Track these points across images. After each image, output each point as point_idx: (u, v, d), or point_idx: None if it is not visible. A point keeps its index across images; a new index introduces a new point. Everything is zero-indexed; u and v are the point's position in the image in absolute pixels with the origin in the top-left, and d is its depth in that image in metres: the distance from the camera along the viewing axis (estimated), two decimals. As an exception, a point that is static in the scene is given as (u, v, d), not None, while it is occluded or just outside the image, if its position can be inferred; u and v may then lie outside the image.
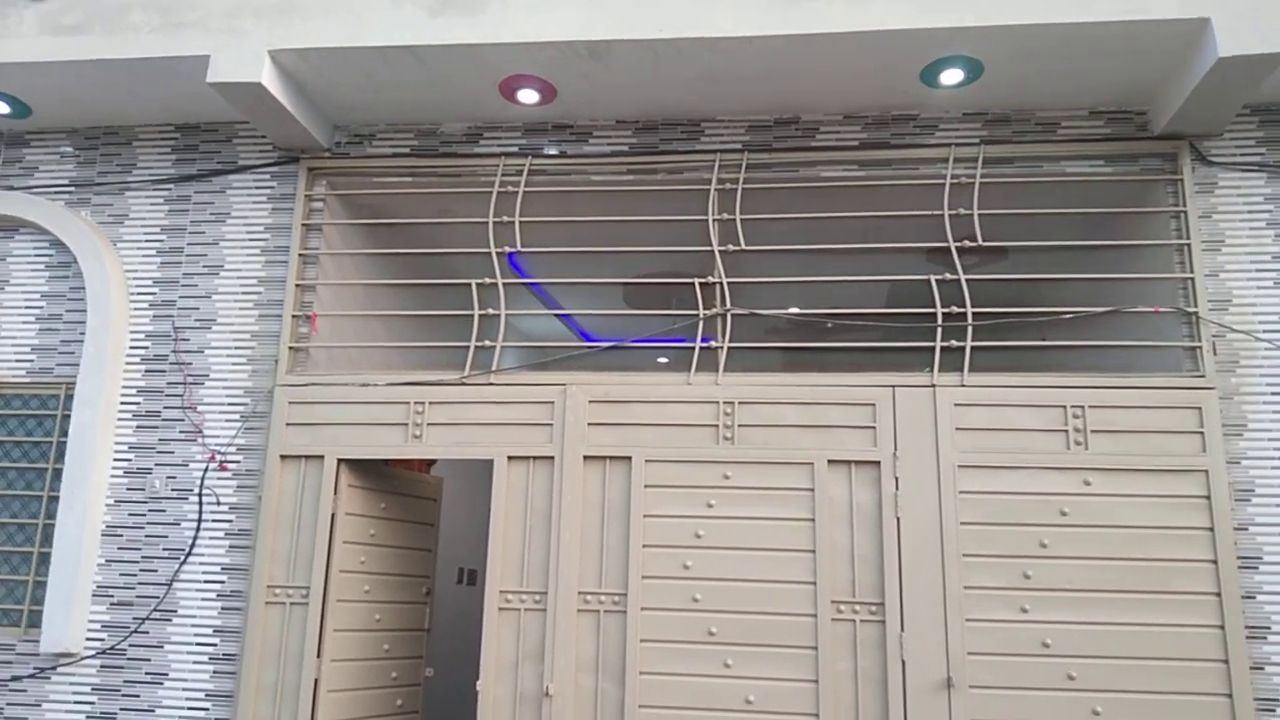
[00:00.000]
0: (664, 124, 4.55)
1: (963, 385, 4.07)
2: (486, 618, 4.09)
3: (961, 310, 4.18)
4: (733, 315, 4.33)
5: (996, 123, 4.36)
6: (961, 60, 3.96)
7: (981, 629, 3.85)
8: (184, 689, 4.24)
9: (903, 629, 3.86)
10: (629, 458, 4.18)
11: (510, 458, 4.26)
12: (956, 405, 4.04)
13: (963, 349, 4.13)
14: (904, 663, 3.84)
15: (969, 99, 4.27)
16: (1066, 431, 4.00)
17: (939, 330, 4.17)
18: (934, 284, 4.23)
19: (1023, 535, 3.93)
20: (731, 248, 4.39)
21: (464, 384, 4.38)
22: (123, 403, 4.56)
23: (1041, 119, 4.34)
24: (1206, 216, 4.17)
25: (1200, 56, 3.74)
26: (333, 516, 4.30)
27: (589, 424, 4.24)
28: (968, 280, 4.22)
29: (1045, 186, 4.35)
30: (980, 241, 4.25)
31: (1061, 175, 4.31)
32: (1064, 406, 4.02)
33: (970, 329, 4.15)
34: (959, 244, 4.26)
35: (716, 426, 4.18)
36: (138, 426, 4.53)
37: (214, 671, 4.23)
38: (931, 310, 4.20)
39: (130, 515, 4.44)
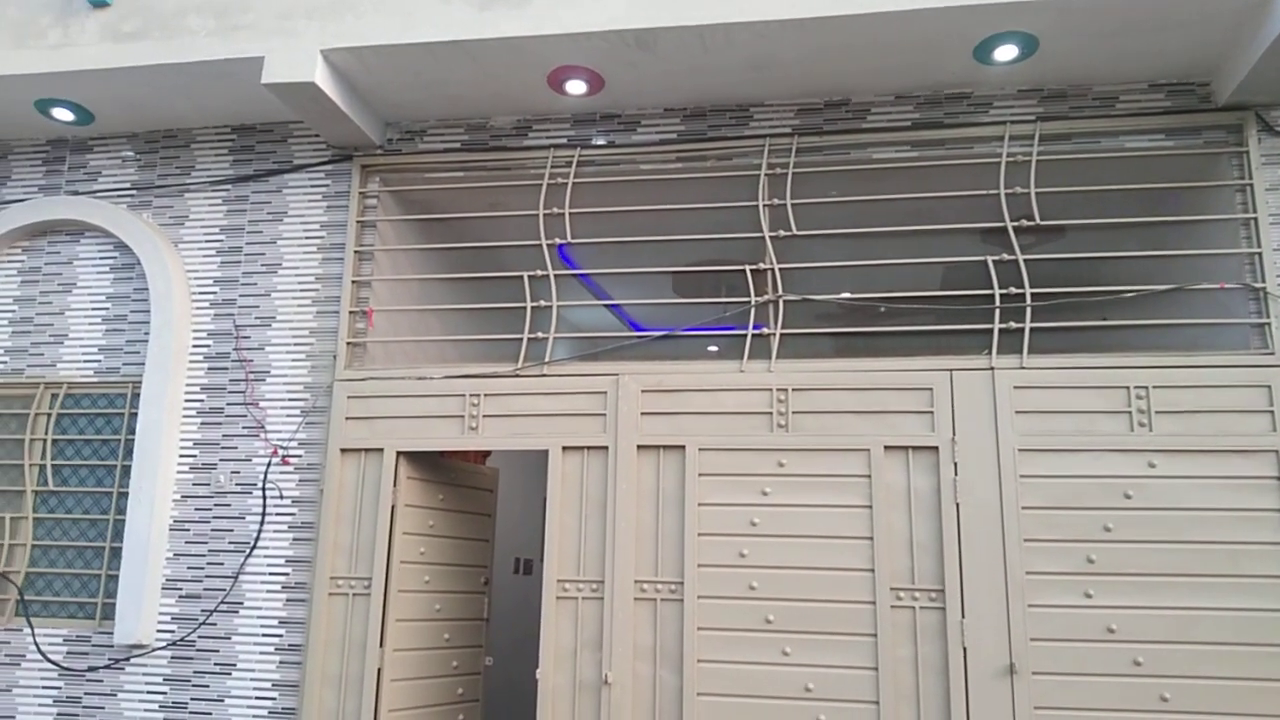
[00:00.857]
0: (712, 110, 4.53)
1: (1022, 367, 4.00)
2: (545, 606, 4.12)
3: (1020, 291, 4.11)
4: (785, 301, 4.31)
5: (1053, 99, 4.27)
6: (1015, 36, 3.88)
7: (1044, 615, 3.79)
8: (252, 679, 4.33)
9: (964, 615, 3.81)
10: (683, 446, 4.18)
11: (565, 448, 4.29)
12: (1016, 388, 3.98)
13: (1021, 330, 4.06)
14: (965, 649, 3.79)
15: (1024, 75, 4.18)
16: (1130, 413, 3.92)
17: (997, 312, 4.10)
18: (991, 265, 4.16)
19: (1086, 519, 3.86)
20: (783, 233, 4.36)
21: (518, 376, 4.42)
22: (187, 400, 4.67)
23: (1099, 94, 4.24)
24: (1275, 189, 4.04)
25: (1267, 22, 3.62)
26: (393, 508, 4.37)
27: (642, 413, 4.25)
28: (1025, 260, 4.14)
29: (1104, 163, 4.25)
30: (1038, 221, 4.17)
31: (1121, 151, 4.21)
32: (1127, 387, 3.93)
33: (1029, 310, 4.08)
34: (1016, 224, 4.19)
35: (770, 414, 4.16)
36: (202, 423, 4.63)
37: (280, 661, 4.32)
38: (989, 292, 4.13)
39: (196, 510, 4.55)
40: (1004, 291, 4.12)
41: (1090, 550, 3.83)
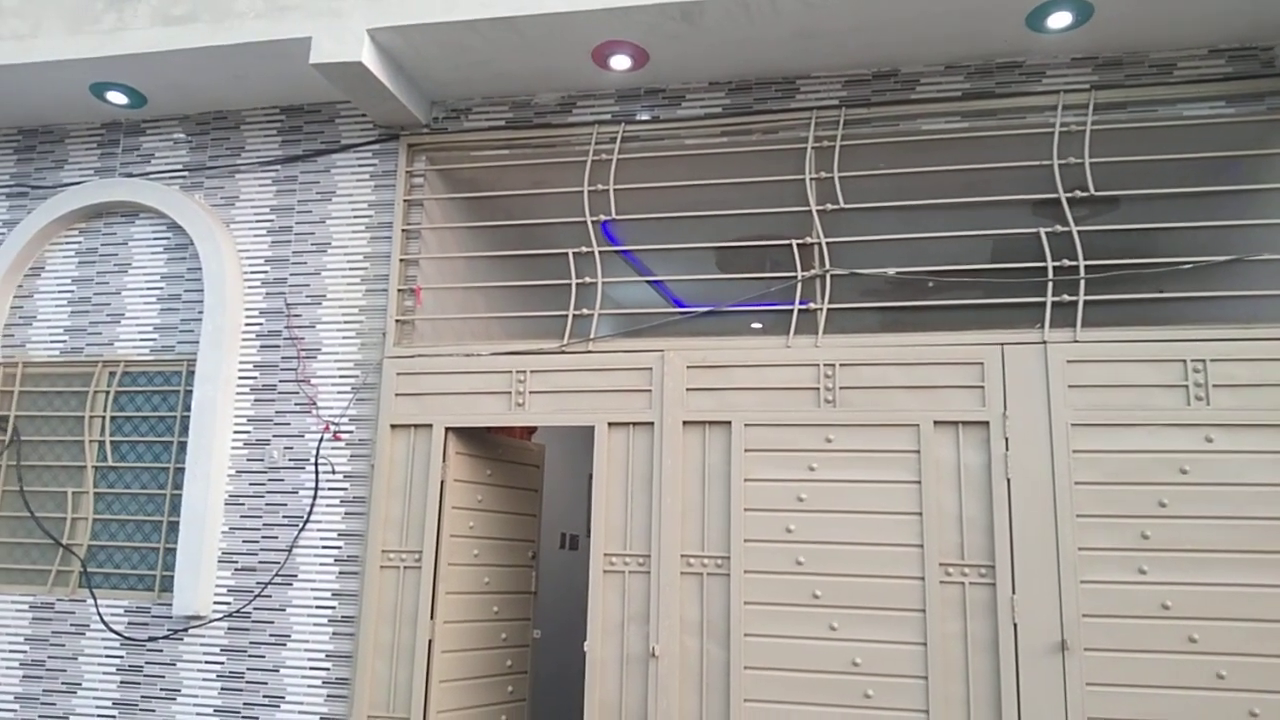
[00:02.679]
0: (758, 83, 4.48)
1: (1075, 341, 3.94)
2: (592, 580, 4.16)
3: (1073, 264, 4.04)
4: (832, 276, 4.27)
5: (1108, 66, 4.17)
6: (1069, 2, 3.79)
7: (1097, 591, 3.75)
8: (306, 649, 4.43)
9: (1014, 591, 3.78)
10: (728, 422, 4.18)
11: (611, 424, 4.30)
12: (1069, 362, 3.91)
13: (1075, 304, 3.99)
14: (1015, 625, 3.76)
15: (1078, 42, 4.09)
16: (1187, 386, 3.84)
17: (1049, 285, 4.03)
18: (1044, 237, 4.09)
19: (1140, 495, 3.79)
20: (830, 207, 4.32)
21: (563, 352, 4.44)
22: (240, 377, 4.75)
23: (1156, 60, 4.14)
24: (1340, 156, 3.93)
25: (1334, -16, 3.51)
26: (442, 483, 4.42)
27: (687, 389, 4.25)
28: (1079, 232, 4.07)
29: (1161, 132, 4.14)
30: (1092, 191, 4.09)
31: (1179, 119, 4.10)
32: (1184, 361, 3.85)
33: (1083, 283, 4.01)
34: (1070, 195, 4.11)
35: (817, 389, 4.14)
36: (255, 400, 4.72)
37: (334, 633, 4.41)
38: (1041, 264, 4.06)
39: (251, 485, 4.64)
40: (1057, 264, 4.05)
41: (1145, 526, 3.77)
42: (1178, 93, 4.10)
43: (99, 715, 4.58)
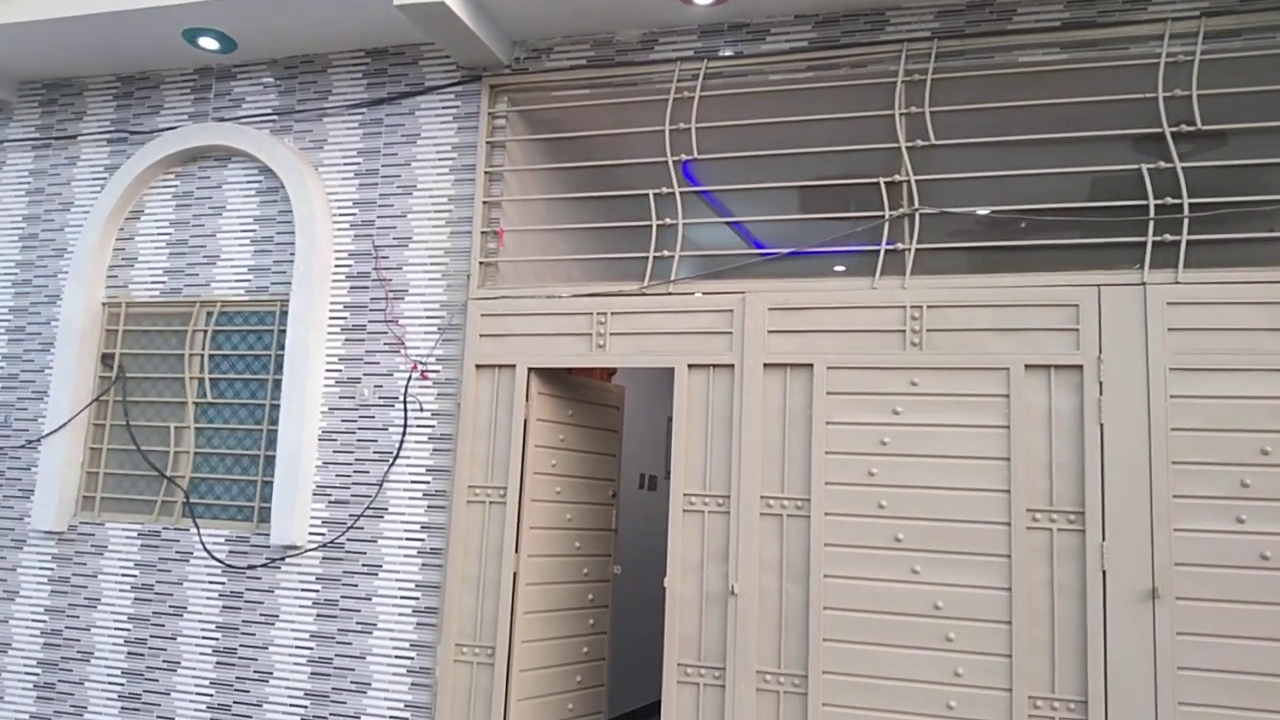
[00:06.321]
0: (845, 15, 4.35)
1: (1177, 283, 3.78)
2: (672, 519, 4.20)
3: (1177, 202, 3.86)
4: (921, 215, 4.17)
5: (1221, -9, 3.94)
6: (1183, -78, 3.58)
7: (1191, 539, 3.65)
8: (396, 579, 4.59)
9: (1104, 538, 3.71)
10: (810, 365, 4.15)
11: (691, 366, 4.31)
12: (1169, 304, 3.77)
13: (1177, 244, 3.82)
14: (1105, 573, 3.69)
15: (1189, -33, 3.87)
16: (1296, 330, 3.67)
17: (1151, 224, 3.87)
18: (1146, 174, 3.92)
19: (1241, 441, 3.66)
20: (920, 143, 4.20)
21: (644, 294, 4.44)
22: (331, 318, 4.88)
23: (1275, -17, 3.89)
24: None
25: None
26: (525, 422, 4.50)
27: (769, 331, 4.22)
28: (1184, 169, 3.88)
29: (1276, 61, 3.91)
30: (1199, 126, 3.89)
31: (1297, 46, 3.87)
32: (1294, 303, 3.68)
33: (1186, 222, 3.84)
34: (1175, 129, 3.92)
35: (903, 332, 4.07)
36: (346, 340, 4.84)
37: (422, 564, 4.56)
38: (1143, 203, 3.90)
39: (343, 421, 4.79)
40: (1159, 202, 3.88)
41: (1245, 474, 3.64)
42: (1298, 17, 3.86)
43: (204, 636, 4.84)
